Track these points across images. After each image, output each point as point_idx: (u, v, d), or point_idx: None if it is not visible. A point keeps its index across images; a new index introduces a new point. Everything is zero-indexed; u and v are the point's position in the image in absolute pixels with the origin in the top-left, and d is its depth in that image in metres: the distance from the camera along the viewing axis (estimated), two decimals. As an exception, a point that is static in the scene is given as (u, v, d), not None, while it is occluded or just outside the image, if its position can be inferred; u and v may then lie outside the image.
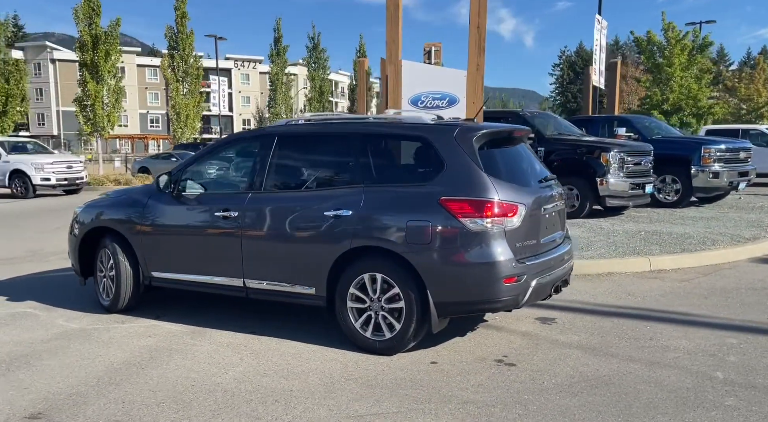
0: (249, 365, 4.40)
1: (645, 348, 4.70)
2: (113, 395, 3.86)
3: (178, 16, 32.40)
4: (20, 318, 5.65)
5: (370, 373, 4.22)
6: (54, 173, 19.40)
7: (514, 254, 4.36)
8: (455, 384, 4.02)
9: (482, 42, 8.89)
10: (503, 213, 4.31)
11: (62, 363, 4.47)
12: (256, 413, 3.59)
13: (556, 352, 4.63)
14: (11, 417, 3.58)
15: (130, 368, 4.34)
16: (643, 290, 6.46)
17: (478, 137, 4.55)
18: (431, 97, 8.68)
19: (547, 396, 3.82)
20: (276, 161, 5.09)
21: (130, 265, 5.63)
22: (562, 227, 5.23)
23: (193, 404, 3.72)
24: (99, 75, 27.19)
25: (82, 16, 27.43)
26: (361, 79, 15.82)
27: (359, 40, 48.79)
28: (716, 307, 5.78)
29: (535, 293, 4.51)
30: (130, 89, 72.34)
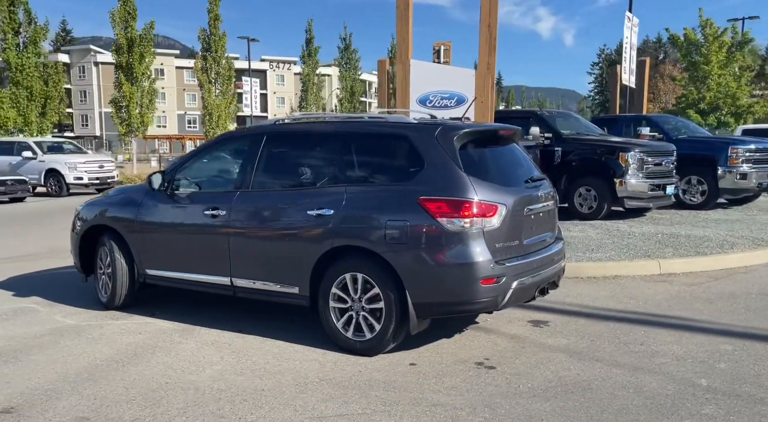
0: (228, 363, 4.42)
1: (633, 352, 4.56)
2: (88, 391, 3.92)
3: (211, 19, 32.95)
4: (22, 313, 5.81)
5: (346, 374, 4.20)
6: (86, 173, 19.94)
7: (493, 255, 4.27)
8: (428, 387, 3.96)
9: (493, 41, 8.80)
10: (482, 213, 4.23)
11: (49, 358, 4.57)
12: (221, 412, 3.60)
13: (540, 356, 4.53)
14: (-14, 410, 3.68)
15: (111, 364, 4.41)
16: (647, 294, 6.28)
17: (459, 136, 4.48)
18: (439, 96, 8.61)
19: (519, 401, 3.73)
20: (263, 160, 5.11)
21: (126, 263, 5.73)
22: (553, 228, 5.12)
23: (163, 401, 3.75)
24: (134, 77, 27.87)
25: (118, 19, 28.18)
26: (383, 79, 15.79)
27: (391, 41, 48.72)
28: (719, 312, 5.58)
29: (516, 295, 4.41)
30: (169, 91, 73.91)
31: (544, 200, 4.86)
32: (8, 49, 24.59)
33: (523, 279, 4.45)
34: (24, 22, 25.13)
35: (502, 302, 4.34)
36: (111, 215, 5.84)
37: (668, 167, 11.16)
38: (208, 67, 32.58)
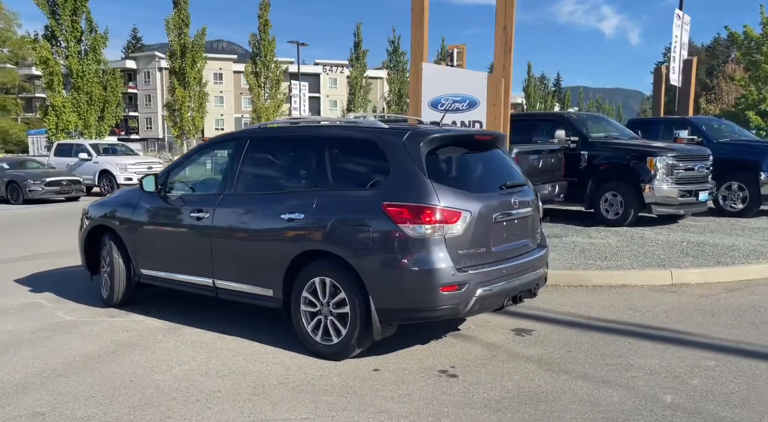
0: (197, 363, 4.52)
1: (607, 365, 4.40)
2: (55, 386, 4.08)
3: (261, 24, 33.71)
4: (28, 309, 6.10)
5: (306, 378, 4.22)
6: (136, 173, 20.71)
7: (456, 262, 4.22)
8: (382, 393, 3.94)
9: (509, 43, 8.65)
10: (443, 220, 4.18)
11: (34, 353, 4.78)
12: (170, 412, 3.68)
13: (508, 365, 4.43)
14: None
15: (88, 361, 4.58)
16: (649, 305, 6.04)
17: (426, 141, 4.43)
18: (451, 99, 8.53)
19: (467, 411, 3.67)
20: (245, 164, 5.20)
21: (123, 262, 5.94)
22: (532, 235, 4.99)
23: (119, 399, 3.86)
24: (186, 81, 28.77)
25: (172, 26, 29.15)
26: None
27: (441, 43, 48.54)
28: (718, 326, 5.32)
29: (481, 302, 4.34)
30: (227, 94, 76.00)
31: (520, 207, 4.75)
32: (71, 56, 25.84)
33: (489, 287, 4.36)
34: (86, 31, 26.35)
35: (465, 309, 4.27)
36: (111, 215, 6.07)
37: (702, 172, 10.70)
38: (258, 71, 33.32)
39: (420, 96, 8.64)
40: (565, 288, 6.77)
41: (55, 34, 25.73)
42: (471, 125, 8.43)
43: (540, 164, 9.94)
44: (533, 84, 73.84)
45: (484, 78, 8.40)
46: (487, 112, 8.37)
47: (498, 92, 8.34)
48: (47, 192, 18.41)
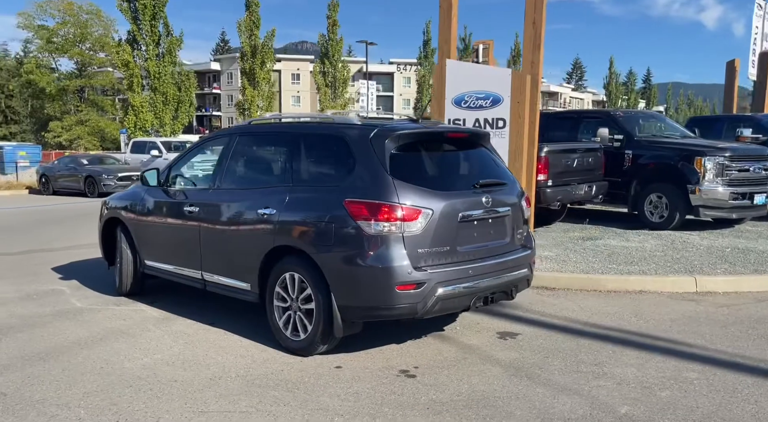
0: (172, 353, 4.65)
1: (577, 372, 4.18)
2: (30, 369, 4.29)
3: (330, 24, 34.26)
4: (49, 295, 6.49)
5: (267, 372, 4.25)
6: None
7: (414, 261, 4.13)
8: (332, 390, 3.91)
9: (538, 39, 8.39)
10: (402, 218, 4.10)
11: (30, 336, 5.07)
12: (120, 398, 3.78)
13: (474, 368, 4.29)
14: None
15: (73, 347, 4.80)
16: (658, 313, 5.69)
17: (392, 138, 4.36)
18: (474, 96, 8.35)
19: (405, 412, 3.58)
20: (231, 159, 5.32)
21: (131, 253, 6.21)
22: (511, 235, 4.80)
23: (79, 385, 4.00)
24: (255, 81, 29.66)
25: (244, 28, 30.11)
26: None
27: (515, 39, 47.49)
28: (724, 337, 4.94)
29: (442, 303, 4.22)
30: (304, 94, 77.51)
31: (493, 206, 4.59)
32: (149, 59, 27.24)
33: (452, 287, 4.24)
34: (163, 35, 27.70)
35: (423, 309, 4.17)
36: (121, 207, 6.35)
37: (759, 174, 9.93)
38: (326, 70, 33.89)
39: (444, 93, 8.52)
40: (576, 293, 6.49)
41: (135, 38, 27.18)
42: (494, 122, 8.23)
43: (574, 164, 9.55)
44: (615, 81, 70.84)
45: (508, 75, 8.18)
46: (510, 109, 8.15)
47: (523, 89, 8.10)
48: (119, 186, 19.41)
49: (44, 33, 63.93)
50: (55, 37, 64.01)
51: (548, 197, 9.11)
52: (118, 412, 3.59)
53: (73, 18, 62.82)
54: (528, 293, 6.38)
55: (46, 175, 22.81)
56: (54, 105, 64.94)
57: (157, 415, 3.54)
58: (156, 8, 26.76)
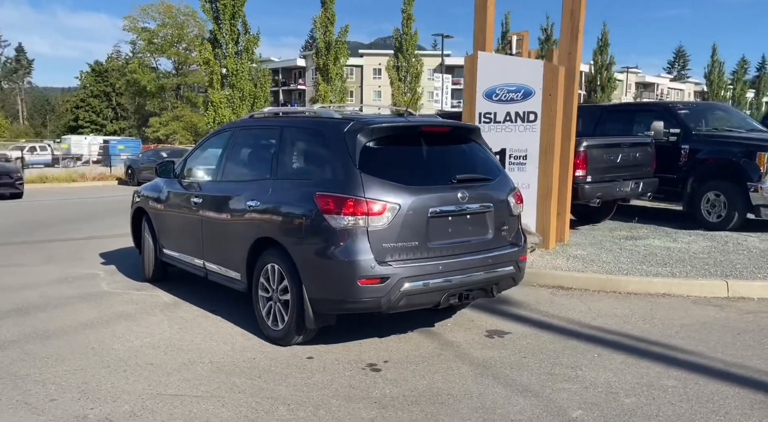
0: (161, 337, 4.84)
1: (547, 374, 4.02)
2: (30, 347, 4.60)
3: (404, 18, 34.23)
4: (83, 278, 6.94)
5: (240, 359, 4.35)
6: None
7: (378, 255, 4.10)
8: (291, 380, 3.95)
9: (576, 29, 8.09)
10: (366, 212, 4.08)
11: (48, 316, 5.43)
12: (92, 378, 3.97)
13: (443, 365, 4.22)
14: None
15: (78, 328, 5.09)
16: (671, 318, 5.36)
17: (364, 132, 4.34)
18: (506, 89, 8.14)
19: (354, 405, 3.58)
20: (230, 152, 5.49)
21: (152, 241, 6.54)
22: (494, 232, 4.66)
23: (64, 363, 4.25)
24: (329, 77, 30.18)
25: (319, 25, 30.69)
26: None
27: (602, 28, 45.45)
28: (729, 346, 4.59)
29: (408, 298, 4.17)
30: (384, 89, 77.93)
31: (470, 202, 4.48)
32: (229, 56, 28.35)
33: (419, 283, 4.18)
34: (241, 33, 28.73)
35: (387, 304, 4.14)
36: (146, 197, 6.69)
37: (830, 171, 9.06)
38: (400, 65, 33.94)
39: (475, 86, 8.36)
40: (592, 294, 6.21)
41: (216, 37, 28.34)
42: (525, 116, 7.99)
43: (618, 159, 9.09)
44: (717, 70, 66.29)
45: (539, 66, 7.90)
46: (542, 102, 7.88)
47: (555, 82, 7.80)
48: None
49: (146, 35, 67.92)
50: (155, 38, 67.86)
51: (586, 194, 8.73)
52: (84, 391, 3.80)
53: (171, 20, 66.34)
54: (539, 292, 6.20)
55: (132, 167, 24.32)
56: (154, 102, 69.03)
57: (117, 395, 3.72)
58: (235, 8, 27.77)
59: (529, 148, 8.00)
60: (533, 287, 6.45)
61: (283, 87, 78.94)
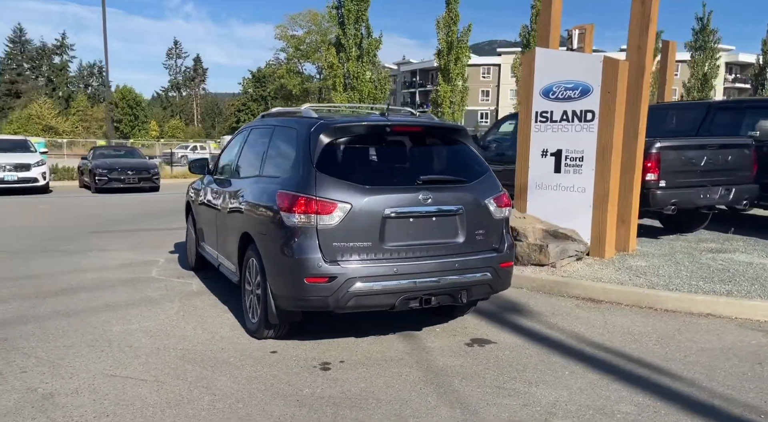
0: (158, 322, 5.10)
1: (495, 388, 3.77)
2: (47, 323, 5.07)
3: (534, 14, 33.14)
4: (143, 264, 7.54)
5: (209, 348, 4.49)
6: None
7: (328, 254, 4.07)
8: (237, 372, 4.01)
9: (647, 20, 7.46)
10: (315, 210, 4.07)
11: (87, 296, 5.95)
12: (72, 356, 4.30)
13: (398, 370, 4.09)
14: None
15: (100, 309, 5.51)
16: (693, 340, 4.77)
17: (327, 132, 4.34)
18: (563, 87, 7.65)
19: (275, 401, 3.58)
20: (240, 151, 5.73)
21: (194, 232, 6.98)
22: (463, 235, 4.41)
23: (64, 339, 4.66)
24: (449, 77, 30.08)
25: (442, 25, 30.69)
26: (669, 63, 13.66)
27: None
28: (736, 377, 4.01)
29: (358, 299, 4.09)
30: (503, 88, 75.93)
31: (436, 203, 4.29)
32: (351, 59, 29.29)
33: (370, 284, 4.09)
34: (364, 36, 29.53)
35: (335, 303, 4.09)
36: (191, 192, 7.16)
37: None
38: (525, 64, 32.93)
39: (532, 84, 7.95)
40: (622, 308, 5.69)
41: (340, 41, 29.38)
42: (582, 115, 7.48)
43: (702, 162, 8.18)
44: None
45: (598, 61, 7.35)
46: (600, 100, 7.33)
47: (615, 77, 7.21)
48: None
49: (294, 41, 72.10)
50: (301, 45, 71.87)
51: (659, 200, 7.97)
52: (56, 366, 4.12)
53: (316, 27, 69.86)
54: (562, 304, 5.82)
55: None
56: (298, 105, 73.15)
57: (76, 373, 4.00)
58: (359, 12, 28.60)
59: (585, 149, 7.47)
60: (560, 298, 6.04)
61: (420, 88, 79.75)
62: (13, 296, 6.01)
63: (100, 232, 10.54)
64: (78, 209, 14.16)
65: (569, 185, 7.61)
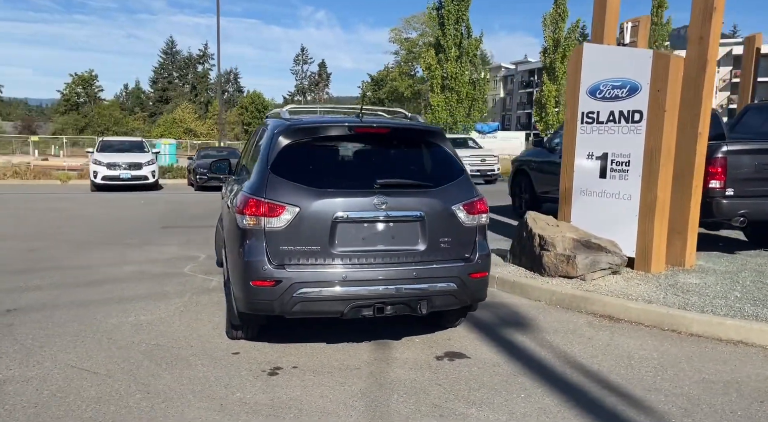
0: (154, 318, 5.23)
1: (430, 405, 3.51)
2: (56, 311, 5.35)
3: (654, 7, 31.04)
4: (182, 260, 7.81)
5: (179, 346, 4.53)
6: (469, 166, 22.22)
7: (275, 258, 3.97)
8: (186, 372, 4.00)
9: (710, 8, 6.75)
10: (263, 213, 3.99)
11: (110, 287, 6.26)
12: (53, 344, 4.51)
13: (344, 380, 3.90)
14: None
15: (111, 301, 5.74)
16: (698, 371, 4.19)
17: (286, 134, 4.27)
18: (610, 85, 7.03)
19: (198, 403, 3.53)
20: (244, 152, 5.78)
21: (221, 228, 7.14)
22: (425, 242, 4.13)
23: (58, 328, 4.91)
24: (555, 76, 28.90)
25: (549, 22, 29.59)
26: (749, 61, 12.55)
27: None
28: (722, 414, 3.45)
29: (303, 304, 3.95)
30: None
31: (393, 208, 4.05)
32: (450, 61, 28.97)
33: (316, 290, 3.94)
34: (464, 36, 29.09)
35: (281, 308, 3.97)
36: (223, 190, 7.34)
37: None
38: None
39: (578, 82, 7.39)
40: (641, 329, 5.14)
41: (440, 42, 29.16)
42: (630, 115, 6.85)
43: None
44: None
45: (648, 57, 6.69)
46: (648, 99, 6.67)
47: (665, 74, 6.54)
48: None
49: (407, 44, 72.79)
50: (414, 47, 72.40)
51: (724, 210, 7.12)
52: (31, 353, 4.32)
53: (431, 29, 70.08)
54: (574, 320, 5.40)
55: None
56: (409, 106, 73.74)
57: (42, 361, 4.16)
58: (459, 12, 28.21)
59: (632, 153, 6.83)
60: (576, 314, 5.56)
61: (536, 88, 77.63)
62: (50, 285, 6.45)
63: (171, 227, 11.12)
64: (169, 205, 15.06)
65: (615, 191, 7.00)
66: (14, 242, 9.25)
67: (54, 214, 12.85)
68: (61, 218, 12.21)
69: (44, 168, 25.50)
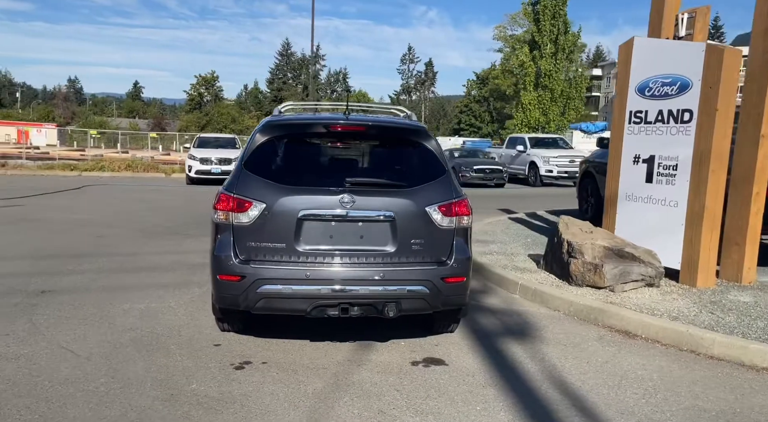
0: (161, 307, 5.40)
1: (372, 411, 3.39)
2: (83, 295, 5.65)
3: None
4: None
5: (166, 335, 4.63)
6: (556, 166, 21.39)
7: (242, 253, 3.98)
8: (159, 361, 4.10)
9: (778, -5, 6.02)
10: (232, 208, 4.02)
11: (144, 275, 6.58)
12: (56, 326, 4.79)
13: (305, 378, 3.85)
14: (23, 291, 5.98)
15: (135, 287, 6.02)
16: (695, 396, 3.78)
17: (266, 130, 4.30)
18: (660, 82, 6.48)
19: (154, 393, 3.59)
20: None
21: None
22: (395, 243, 3.98)
23: (75, 310, 5.22)
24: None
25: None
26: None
27: None
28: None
29: (267, 301, 3.94)
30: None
31: (360, 208, 3.94)
32: (545, 57, 27.99)
33: (280, 287, 3.91)
34: (561, 32, 28.00)
35: (245, 303, 3.97)
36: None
37: None
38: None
39: (628, 79, 6.88)
40: (657, 347, 4.71)
41: (534, 38, 28.24)
42: (679, 115, 6.30)
43: None
44: None
45: (700, 50, 6.11)
46: (699, 97, 6.09)
47: (719, 70, 5.94)
48: (473, 178, 20.98)
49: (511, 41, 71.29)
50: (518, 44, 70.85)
51: (789, 222, 6.36)
52: (35, 333, 4.58)
53: (532, 25, 68.30)
54: (586, 332, 5.10)
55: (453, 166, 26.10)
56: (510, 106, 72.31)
57: (38, 341, 4.41)
58: (556, 8, 27.19)
59: (680, 156, 6.28)
60: (590, 326, 5.19)
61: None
62: (93, 269, 6.87)
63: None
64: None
65: (661, 197, 6.46)
66: (92, 228, 9.94)
67: (141, 204, 13.73)
68: (145, 208, 13.01)
69: (158, 162, 27.35)
